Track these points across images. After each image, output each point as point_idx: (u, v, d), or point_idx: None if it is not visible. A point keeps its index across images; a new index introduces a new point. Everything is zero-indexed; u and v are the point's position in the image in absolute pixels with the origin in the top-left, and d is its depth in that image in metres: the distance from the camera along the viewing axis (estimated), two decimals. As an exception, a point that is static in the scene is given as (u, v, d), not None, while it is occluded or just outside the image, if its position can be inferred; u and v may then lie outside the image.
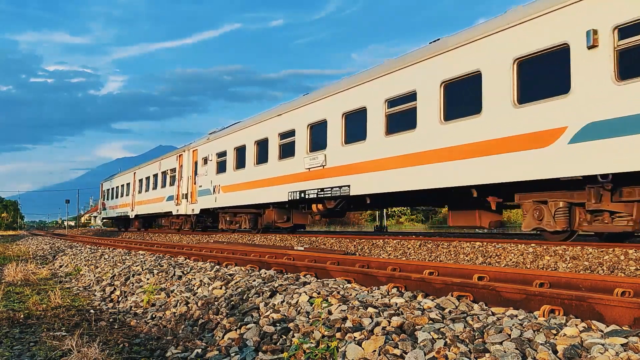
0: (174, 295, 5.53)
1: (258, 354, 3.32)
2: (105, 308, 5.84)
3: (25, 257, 12.91)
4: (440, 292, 4.29)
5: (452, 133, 10.61)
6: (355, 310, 3.56)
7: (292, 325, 3.57)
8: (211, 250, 10.59)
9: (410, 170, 11.60)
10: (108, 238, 24.51)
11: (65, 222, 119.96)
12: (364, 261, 6.61)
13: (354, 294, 4.26)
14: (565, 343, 2.65)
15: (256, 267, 6.75)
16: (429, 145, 11.12)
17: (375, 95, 12.83)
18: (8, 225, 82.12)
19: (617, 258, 7.92)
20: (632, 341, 2.59)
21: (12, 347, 3.95)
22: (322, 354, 3.03)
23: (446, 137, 10.72)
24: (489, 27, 10.11)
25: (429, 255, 10.54)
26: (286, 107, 17.04)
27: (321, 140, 14.94)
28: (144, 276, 6.84)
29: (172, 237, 23.70)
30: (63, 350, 3.70)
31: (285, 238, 17.38)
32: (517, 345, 2.66)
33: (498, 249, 9.70)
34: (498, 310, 3.58)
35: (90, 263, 9.92)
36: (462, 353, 2.69)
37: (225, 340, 3.68)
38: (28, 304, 5.75)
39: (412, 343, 2.87)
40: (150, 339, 4.25)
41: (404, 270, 5.85)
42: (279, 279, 5.30)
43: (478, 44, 10.19)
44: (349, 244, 13.30)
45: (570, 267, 8.12)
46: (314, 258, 7.67)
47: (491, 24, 10.11)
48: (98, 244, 16.33)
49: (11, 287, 7.47)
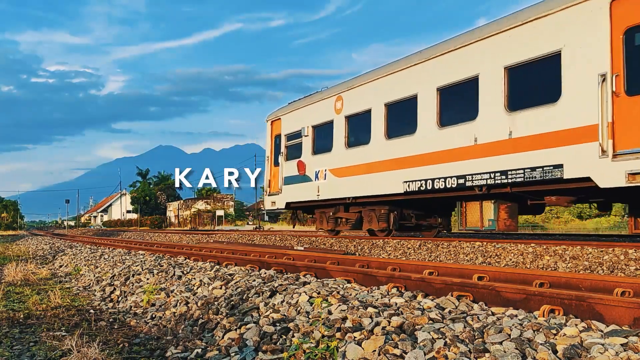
0: (173, 295, 5.53)
1: (258, 354, 3.32)
2: (105, 308, 5.84)
3: (25, 257, 12.91)
4: (440, 292, 4.29)
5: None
6: (355, 310, 3.56)
7: (292, 325, 3.57)
8: (211, 250, 10.58)
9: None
10: (108, 238, 24.52)
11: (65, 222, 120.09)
12: (363, 261, 6.61)
13: (354, 294, 4.26)
14: (565, 343, 2.65)
15: (256, 267, 6.75)
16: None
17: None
18: (8, 225, 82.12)
19: (617, 258, 7.93)
20: (632, 341, 2.59)
21: (12, 347, 3.95)
22: (322, 353, 3.03)
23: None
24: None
25: (428, 255, 10.54)
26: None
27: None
28: (143, 276, 6.84)
29: (171, 237, 23.67)
30: (63, 350, 3.70)
31: (285, 238, 17.38)
32: (517, 345, 2.66)
33: (498, 249, 9.70)
34: (498, 310, 3.58)
35: (90, 263, 9.92)
36: (462, 353, 2.69)
37: (225, 340, 3.68)
38: (28, 304, 5.76)
39: (412, 343, 2.87)
40: (150, 339, 4.25)
41: (403, 270, 5.85)
42: (279, 278, 5.30)
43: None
44: (349, 244, 13.31)
45: (570, 267, 8.12)
46: (314, 258, 7.67)
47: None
48: (98, 244, 16.33)
49: (11, 287, 7.47)
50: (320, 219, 16.46)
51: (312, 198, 15.60)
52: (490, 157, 10.22)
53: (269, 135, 18.13)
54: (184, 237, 24.00)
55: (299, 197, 16.29)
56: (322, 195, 15.19)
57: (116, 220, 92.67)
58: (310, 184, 15.63)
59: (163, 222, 77.00)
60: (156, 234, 29.89)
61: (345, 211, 15.17)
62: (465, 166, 10.76)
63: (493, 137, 10.21)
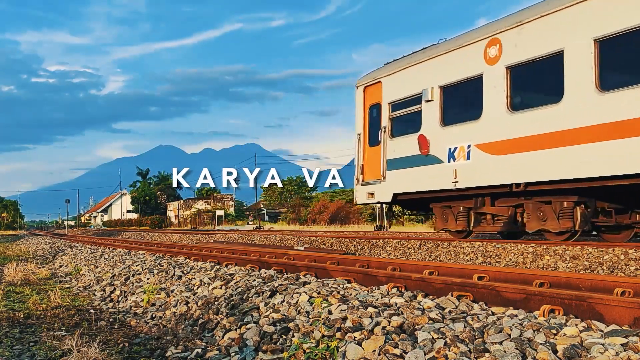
0: (174, 295, 5.53)
1: (258, 354, 3.32)
2: (105, 308, 5.84)
3: (25, 257, 12.91)
4: (440, 292, 4.29)
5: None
6: (355, 310, 3.56)
7: (292, 325, 3.58)
8: (211, 250, 10.59)
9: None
10: (108, 238, 24.53)
11: (65, 222, 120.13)
12: (364, 261, 6.61)
13: (354, 294, 4.26)
14: (565, 343, 2.65)
15: (256, 267, 6.75)
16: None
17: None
18: (8, 225, 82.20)
19: (617, 258, 7.93)
20: (632, 341, 2.59)
21: (12, 347, 3.95)
22: (322, 353, 3.03)
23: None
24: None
25: (429, 255, 10.54)
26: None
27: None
28: (144, 276, 6.84)
29: (172, 237, 23.68)
30: (63, 350, 3.70)
31: (285, 238, 17.39)
32: (517, 345, 2.66)
33: (498, 248, 9.70)
34: (498, 310, 3.58)
35: (90, 263, 9.92)
36: (462, 353, 2.69)
37: (225, 340, 3.68)
38: (28, 304, 5.76)
39: (412, 343, 2.87)
40: (150, 339, 4.25)
41: (404, 270, 5.85)
42: (279, 278, 5.30)
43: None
44: (349, 244, 13.30)
45: (570, 267, 8.13)
46: (314, 258, 7.67)
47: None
48: (98, 244, 16.34)
49: (11, 286, 7.48)
50: (444, 216, 12.24)
51: (442, 186, 11.25)
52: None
53: (361, 106, 13.68)
54: (184, 237, 24.01)
55: (416, 186, 11.93)
56: (462, 182, 10.82)
57: (116, 220, 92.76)
58: (439, 167, 11.25)
59: (163, 222, 77.09)
60: (156, 234, 29.89)
61: (491, 204, 11.10)
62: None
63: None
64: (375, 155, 13.07)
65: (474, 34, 11.07)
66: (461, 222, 11.79)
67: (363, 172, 13.59)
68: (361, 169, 13.64)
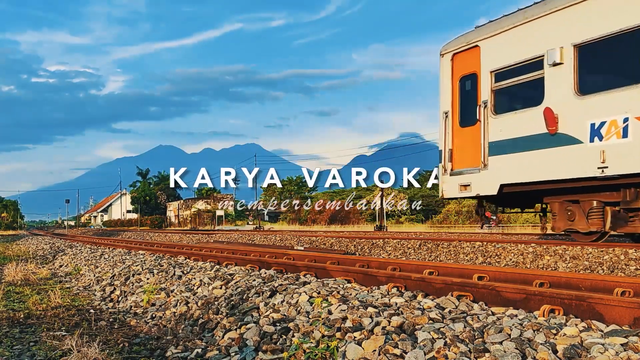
0: (174, 295, 5.53)
1: (258, 354, 3.32)
2: (105, 308, 5.84)
3: (25, 257, 12.91)
4: (440, 292, 4.29)
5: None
6: (355, 310, 3.56)
7: (292, 325, 3.57)
8: (211, 250, 10.59)
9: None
10: (108, 238, 24.53)
11: (65, 221, 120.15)
12: (363, 261, 6.61)
13: (354, 294, 4.26)
14: (565, 343, 2.65)
15: (256, 267, 6.75)
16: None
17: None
18: (8, 225, 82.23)
19: (617, 258, 7.93)
20: (632, 341, 2.59)
21: (12, 347, 3.95)
22: (322, 353, 3.03)
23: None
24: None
25: (429, 255, 10.54)
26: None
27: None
28: (144, 276, 6.84)
29: (172, 236, 23.69)
30: (63, 350, 3.70)
31: (285, 238, 17.40)
32: (517, 345, 2.66)
33: (498, 248, 9.70)
34: (498, 310, 3.58)
35: (90, 263, 9.92)
36: (462, 353, 2.69)
37: (225, 340, 3.68)
38: (28, 304, 5.76)
39: (412, 343, 2.87)
40: (150, 339, 4.25)
41: (404, 270, 5.85)
42: (279, 278, 5.30)
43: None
44: (349, 244, 13.31)
45: (570, 267, 8.13)
46: (314, 258, 7.67)
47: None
48: (98, 244, 16.34)
49: (11, 286, 7.48)
50: (569, 215, 9.78)
51: (582, 174, 8.75)
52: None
53: (448, 78, 11.18)
54: (184, 237, 24.02)
55: (536, 175, 9.41)
56: (614, 168, 8.31)
57: (116, 220, 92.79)
58: (575, 148, 8.79)
59: (163, 222, 77.10)
60: (156, 234, 29.90)
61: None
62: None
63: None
64: (471, 138, 10.66)
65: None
66: (594, 221, 9.33)
67: (452, 159, 10.96)
68: (449, 155, 11.00)
